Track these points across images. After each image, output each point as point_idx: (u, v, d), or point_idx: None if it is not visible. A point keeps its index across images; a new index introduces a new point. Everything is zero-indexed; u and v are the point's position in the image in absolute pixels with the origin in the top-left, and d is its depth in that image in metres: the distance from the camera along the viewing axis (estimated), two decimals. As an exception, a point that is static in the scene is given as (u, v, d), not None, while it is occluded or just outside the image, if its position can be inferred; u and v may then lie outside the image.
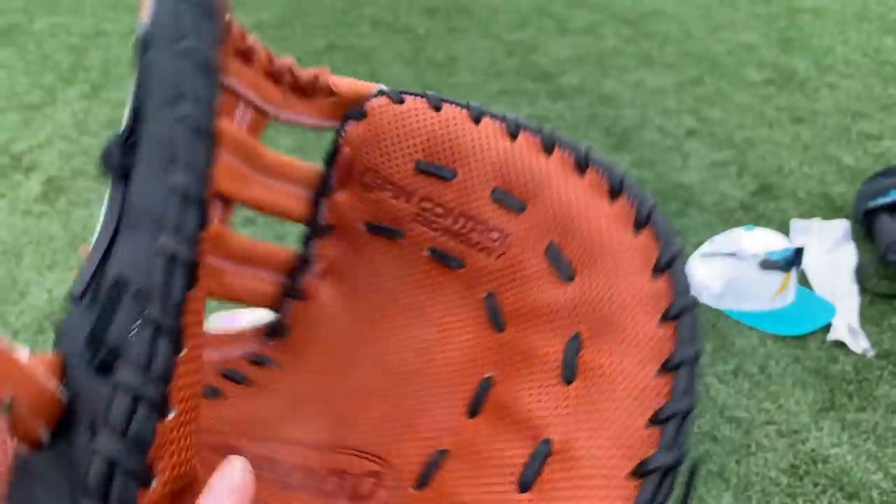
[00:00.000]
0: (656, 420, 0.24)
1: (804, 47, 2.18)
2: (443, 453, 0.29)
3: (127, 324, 0.20)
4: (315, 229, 0.39)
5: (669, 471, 0.23)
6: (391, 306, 0.36)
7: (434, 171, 0.33)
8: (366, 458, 0.31)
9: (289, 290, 0.39)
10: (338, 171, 0.37)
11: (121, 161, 0.23)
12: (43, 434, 0.20)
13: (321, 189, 0.38)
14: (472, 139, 0.33)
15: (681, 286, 0.26)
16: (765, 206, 1.45)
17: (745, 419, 1.03)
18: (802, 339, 1.15)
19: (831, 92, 1.91)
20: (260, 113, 0.37)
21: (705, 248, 1.26)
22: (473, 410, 0.30)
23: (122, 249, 0.22)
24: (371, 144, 0.35)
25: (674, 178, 1.54)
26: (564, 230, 0.29)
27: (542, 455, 0.26)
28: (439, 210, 0.34)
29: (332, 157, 0.37)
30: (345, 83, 0.37)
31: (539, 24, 2.37)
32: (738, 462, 0.97)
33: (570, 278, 0.29)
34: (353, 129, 0.36)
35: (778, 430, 1.02)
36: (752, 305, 1.19)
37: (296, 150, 1.57)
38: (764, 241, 1.21)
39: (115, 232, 0.22)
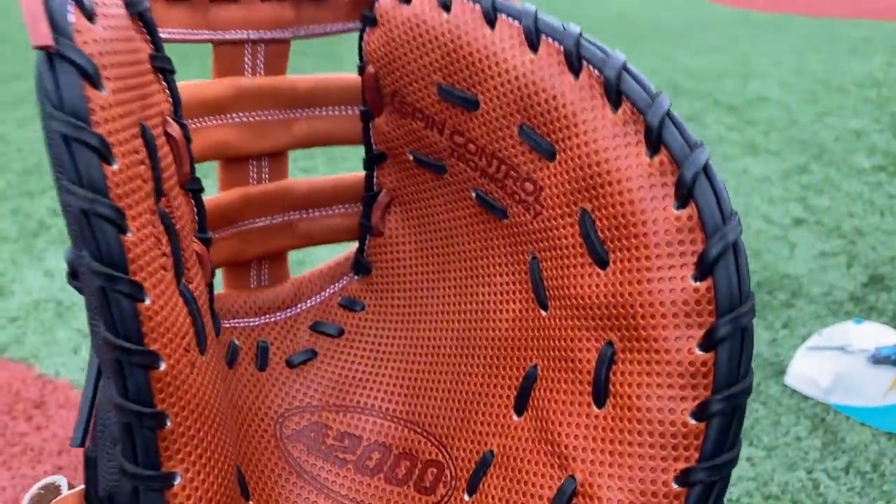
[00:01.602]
0: (685, 480, 0.23)
1: (918, 131, 2.15)
2: (491, 455, 0.31)
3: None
4: (370, 155, 0.39)
5: None
6: (450, 252, 0.37)
7: (456, 98, 0.33)
8: (430, 442, 0.33)
9: (364, 224, 0.40)
10: (367, 92, 0.37)
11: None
12: None
13: (365, 112, 0.38)
14: (489, 53, 0.31)
15: (727, 295, 0.23)
16: (876, 298, 1.44)
17: (857, 518, 1.03)
18: (918, 436, 1.14)
19: (947, 178, 1.88)
20: (276, 43, 0.36)
21: (813, 340, 1.27)
22: (519, 407, 0.31)
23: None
24: (390, 62, 0.35)
25: (780, 268, 1.56)
26: (596, 193, 0.27)
27: (567, 496, 0.26)
28: (472, 147, 0.33)
29: (362, 75, 0.37)
30: None
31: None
32: (850, 562, 0.97)
33: (604, 263, 0.27)
34: (370, 39, 0.35)
35: (893, 530, 1.01)
36: (862, 401, 1.19)
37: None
38: (874, 334, 1.21)
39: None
